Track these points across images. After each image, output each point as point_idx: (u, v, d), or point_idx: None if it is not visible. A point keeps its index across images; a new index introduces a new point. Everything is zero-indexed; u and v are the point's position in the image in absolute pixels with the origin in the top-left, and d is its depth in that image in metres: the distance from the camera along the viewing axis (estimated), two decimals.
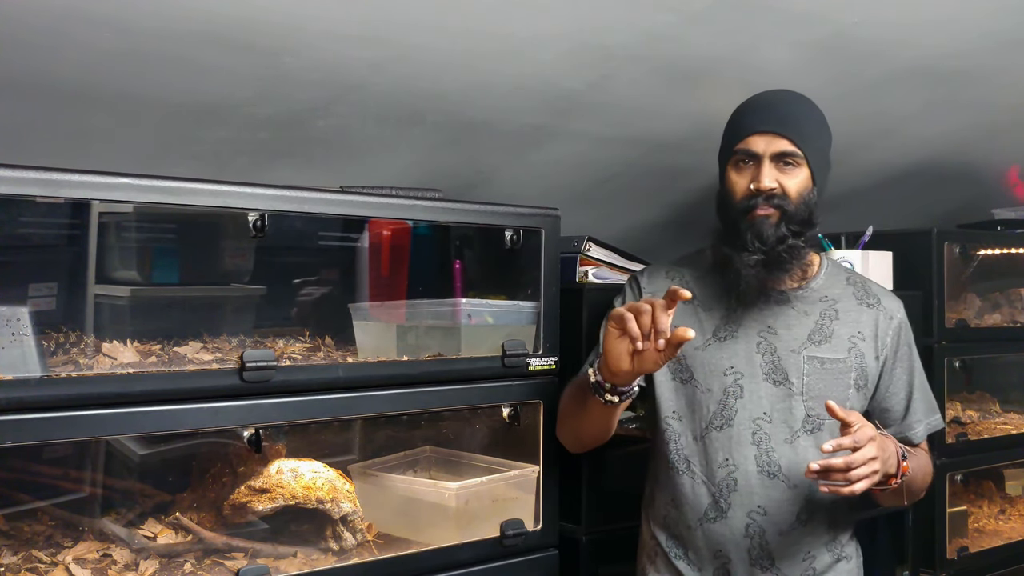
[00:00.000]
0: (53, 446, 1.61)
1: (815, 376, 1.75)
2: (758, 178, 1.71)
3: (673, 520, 1.80)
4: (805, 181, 1.74)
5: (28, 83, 1.71)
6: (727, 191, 1.77)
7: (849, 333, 1.79)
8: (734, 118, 1.81)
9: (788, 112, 1.75)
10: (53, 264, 1.71)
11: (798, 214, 1.72)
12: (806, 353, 1.76)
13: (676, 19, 1.98)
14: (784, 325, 1.77)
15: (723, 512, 1.73)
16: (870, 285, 1.88)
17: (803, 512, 1.73)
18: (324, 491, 1.75)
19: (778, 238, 1.71)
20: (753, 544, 1.72)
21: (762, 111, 1.76)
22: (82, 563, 1.57)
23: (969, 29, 2.25)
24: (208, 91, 1.85)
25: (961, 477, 2.80)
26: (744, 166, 1.75)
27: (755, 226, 1.71)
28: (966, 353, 2.79)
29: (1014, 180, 3.36)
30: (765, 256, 1.71)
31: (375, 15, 1.76)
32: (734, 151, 1.75)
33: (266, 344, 1.80)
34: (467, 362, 1.90)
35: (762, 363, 1.75)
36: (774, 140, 1.72)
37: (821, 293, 1.82)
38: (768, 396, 1.74)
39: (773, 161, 1.72)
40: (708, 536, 1.75)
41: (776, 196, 1.71)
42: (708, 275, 1.84)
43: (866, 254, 2.57)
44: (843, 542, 1.80)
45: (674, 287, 1.53)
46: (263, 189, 1.65)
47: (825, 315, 1.79)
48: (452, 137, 2.24)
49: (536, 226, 1.98)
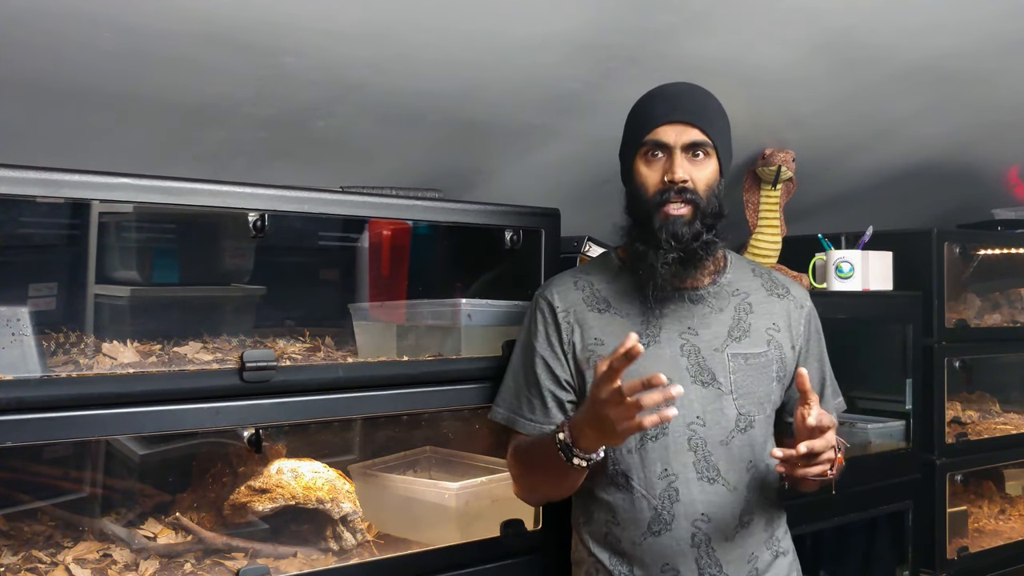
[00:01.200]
0: (53, 446, 1.61)
1: (741, 373, 1.72)
2: (671, 169, 1.68)
3: (615, 537, 1.73)
4: (714, 173, 1.72)
5: (28, 83, 1.71)
6: (638, 185, 1.73)
7: (765, 325, 1.77)
8: (639, 110, 1.78)
9: (696, 102, 1.74)
10: (53, 264, 1.71)
11: (709, 207, 1.70)
12: (729, 351, 1.73)
13: (676, 19, 1.98)
14: (703, 324, 1.74)
15: (667, 524, 1.68)
16: (776, 275, 1.86)
17: (744, 514, 1.70)
18: (324, 491, 1.75)
19: (693, 235, 1.68)
20: (700, 553, 1.68)
21: (671, 101, 1.73)
22: (82, 563, 1.57)
23: (969, 30, 2.25)
24: (208, 91, 1.85)
25: (961, 477, 2.80)
26: (654, 158, 1.72)
27: (669, 225, 1.68)
28: (966, 353, 2.79)
29: (1014, 180, 3.36)
30: (681, 254, 1.68)
31: (375, 15, 1.76)
32: (643, 142, 1.72)
33: (266, 344, 1.80)
34: (467, 362, 1.90)
35: (688, 366, 1.71)
36: (685, 130, 1.70)
37: (732, 287, 1.79)
38: (699, 399, 1.69)
39: (684, 152, 1.70)
40: (654, 550, 1.70)
41: (688, 191, 1.68)
42: (617, 279, 1.80)
43: (866, 254, 2.57)
44: (779, 537, 1.78)
45: (627, 345, 1.43)
46: (263, 189, 1.65)
47: (740, 309, 1.77)
48: (452, 137, 2.24)
49: (536, 226, 1.98)
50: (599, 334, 1.74)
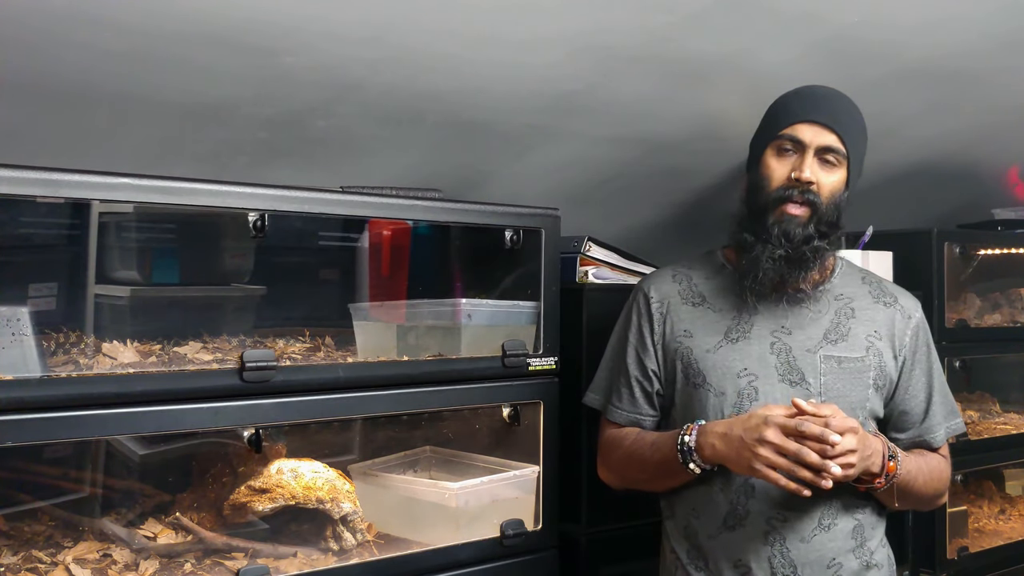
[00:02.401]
0: (53, 446, 1.61)
1: (832, 375, 1.70)
2: (800, 167, 1.68)
3: (693, 531, 1.74)
4: (840, 182, 1.71)
5: (28, 83, 1.71)
6: (763, 176, 1.72)
7: (866, 332, 1.75)
8: (782, 103, 1.77)
9: (840, 108, 1.73)
10: (53, 264, 1.71)
11: (828, 215, 1.69)
12: (822, 352, 1.71)
13: (676, 19, 1.98)
14: (798, 325, 1.73)
15: (741, 520, 1.68)
16: (886, 284, 1.85)
17: (825, 517, 1.68)
18: (324, 491, 1.75)
19: (804, 237, 1.67)
20: (774, 552, 1.67)
21: (815, 101, 1.72)
22: (82, 563, 1.57)
23: (970, 29, 2.25)
24: (208, 91, 1.85)
25: (961, 477, 2.80)
26: (785, 153, 1.71)
27: (783, 223, 1.67)
28: (966, 353, 2.79)
29: (1014, 180, 3.36)
30: (789, 253, 1.67)
31: (375, 15, 1.76)
32: (778, 135, 1.71)
33: (266, 344, 1.80)
34: (467, 362, 1.90)
35: (776, 364, 1.71)
36: (822, 132, 1.69)
37: (836, 292, 1.78)
38: (784, 397, 1.67)
39: (816, 154, 1.69)
40: (728, 545, 1.69)
41: (811, 192, 1.68)
42: (717, 275, 1.81)
43: (866, 254, 2.57)
44: (871, 548, 1.73)
45: (796, 403, 1.54)
46: (263, 189, 1.65)
47: (841, 313, 1.76)
48: (452, 137, 2.24)
49: (536, 226, 1.98)
50: (689, 326, 1.75)
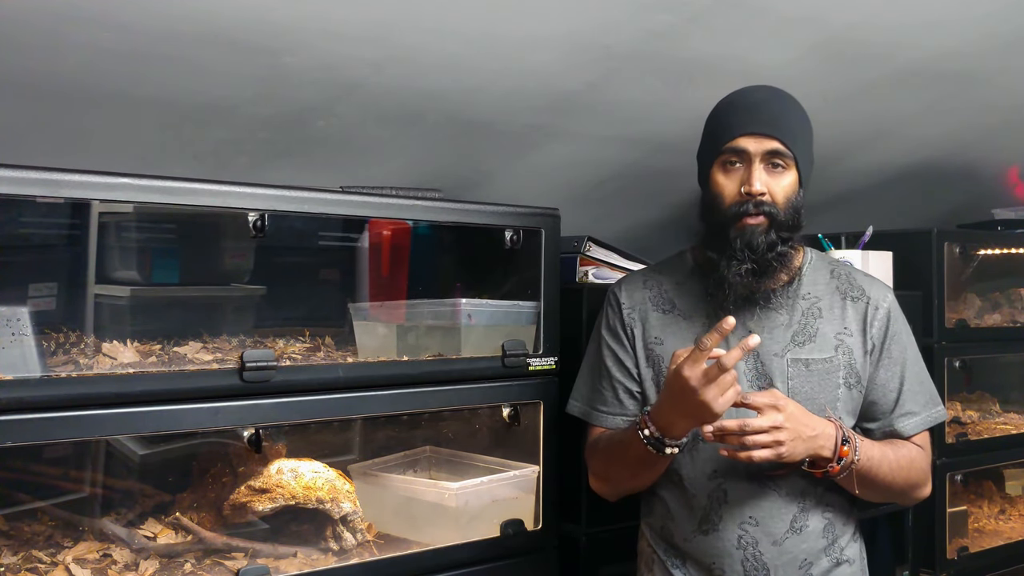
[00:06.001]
0: (53, 446, 1.61)
1: (800, 379, 1.71)
2: (748, 181, 1.67)
3: (669, 532, 1.77)
4: (792, 184, 1.70)
5: (28, 83, 1.71)
6: (715, 194, 1.71)
7: (834, 331, 1.75)
8: (719, 116, 1.75)
9: (777, 111, 1.71)
10: (53, 264, 1.71)
11: (786, 219, 1.69)
12: (790, 356, 1.71)
13: (676, 19, 1.98)
14: (766, 329, 1.73)
15: (715, 525, 1.70)
16: (855, 276, 1.83)
17: (796, 519, 1.69)
18: (324, 491, 1.75)
19: (768, 244, 1.67)
20: (747, 556, 1.68)
21: (751, 110, 1.71)
22: (82, 563, 1.57)
23: (969, 29, 2.25)
24: (208, 91, 1.85)
25: (961, 477, 2.80)
26: (732, 167, 1.70)
27: (744, 235, 1.67)
28: (966, 353, 2.79)
29: (1014, 180, 3.36)
30: (755, 266, 1.67)
31: (375, 15, 1.76)
32: (721, 150, 1.70)
33: (266, 344, 1.80)
34: (467, 362, 1.90)
35: (745, 369, 1.71)
36: (764, 140, 1.67)
37: (803, 291, 1.78)
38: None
39: (763, 162, 1.68)
40: (702, 548, 1.71)
41: (765, 203, 1.67)
42: (688, 280, 1.80)
43: (866, 254, 2.57)
44: (842, 545, 1.75)
45: (724, 327, 1.51)
46: (263, 189, 1.65)
47: (808, 314, 1.75)
48: (452, 137, 2.24)
49: (536, 226, 1.98)
50: (659, 333, 1.76)
